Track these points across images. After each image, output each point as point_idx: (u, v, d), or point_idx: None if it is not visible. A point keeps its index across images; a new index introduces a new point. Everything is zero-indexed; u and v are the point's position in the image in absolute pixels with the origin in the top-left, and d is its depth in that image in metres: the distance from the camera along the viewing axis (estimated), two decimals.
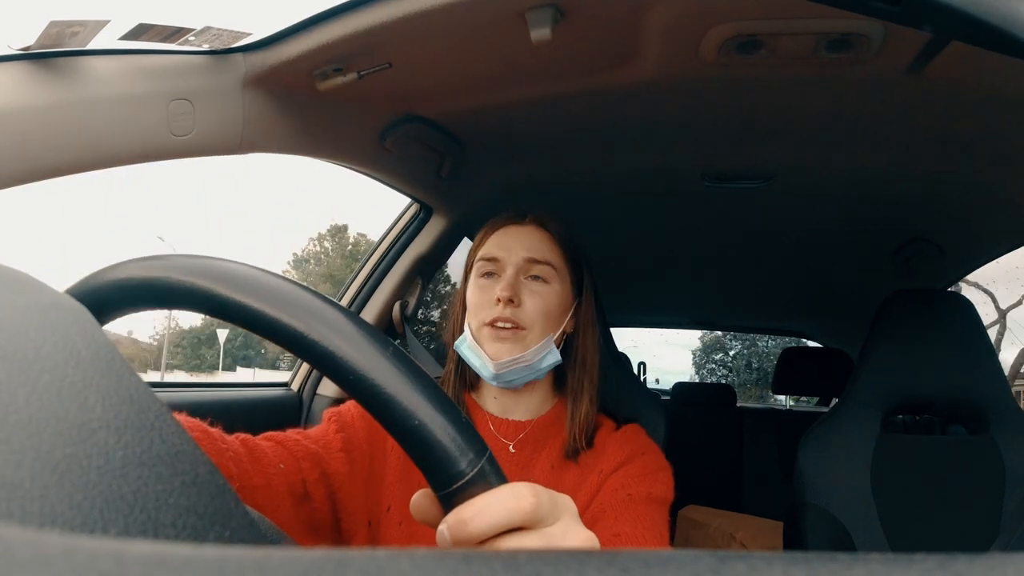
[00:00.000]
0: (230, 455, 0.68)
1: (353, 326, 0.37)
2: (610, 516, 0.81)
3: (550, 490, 0.36)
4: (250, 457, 0.71)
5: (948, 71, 0.91)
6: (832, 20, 0.84)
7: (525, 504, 0.34)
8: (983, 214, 1.44)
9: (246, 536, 0.26)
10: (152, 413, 0.25)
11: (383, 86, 1.01)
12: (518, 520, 0.34)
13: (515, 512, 0.34)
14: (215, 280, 0.38)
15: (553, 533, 0.35)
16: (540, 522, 0.35)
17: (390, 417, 0.36)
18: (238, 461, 0.69)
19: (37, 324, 0.25)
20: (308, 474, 0.77)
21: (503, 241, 0.94)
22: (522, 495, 0.34)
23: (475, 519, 0.33)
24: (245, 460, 0.70)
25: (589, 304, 0.98)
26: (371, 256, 1.53)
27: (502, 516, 0.33)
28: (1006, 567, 0.14)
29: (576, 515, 0.38)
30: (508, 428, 0.94)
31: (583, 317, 0.97)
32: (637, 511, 0.82)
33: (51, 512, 0.18)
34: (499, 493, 0.34)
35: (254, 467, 0.70)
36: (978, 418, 1.33)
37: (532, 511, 0.34)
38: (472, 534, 0.33)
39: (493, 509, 0.33)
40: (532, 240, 0.93)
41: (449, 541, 0.34)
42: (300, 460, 0.77)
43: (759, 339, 21.58)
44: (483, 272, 0.94)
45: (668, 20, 0.85)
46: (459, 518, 0.33)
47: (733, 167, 1.38)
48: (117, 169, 0.79)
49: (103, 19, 0.70)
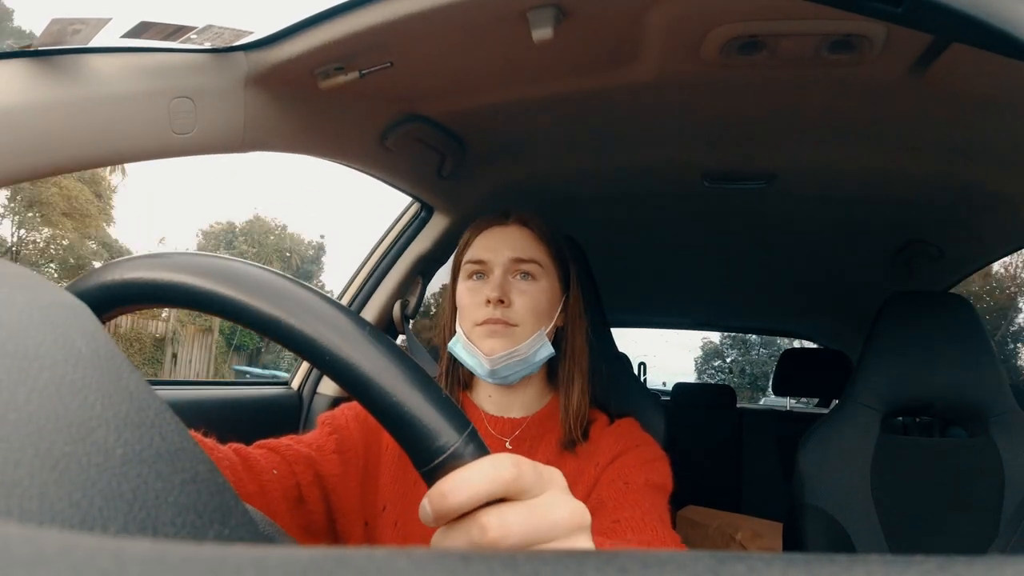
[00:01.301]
0: (225, 463, 0.69)
1: (330, 307, 0.38)
2: (609, 505, 0.81)
3: (535, 462, 0.36)
4: (244, 465, 0.72)
5: (950, 73, 0.91)
6: (834, 21, 0.83)
7: (506, 474, 0.33)
8: (984, 216, 1.44)
9: (245, 534, 0.26)
10: (152, 411, 0.25)
11: (385, 85, 1.01)
12: (499, 490, 0.33)
13: (496, 482, 0.33)
14: (212, 277, 0.38)
15: (538, 504, 0.34)
16: (524, 492, 0.34)
17: (369, 396, 0.36)
18: (232, 469, 0.70)
19: (37, 321, 0.25)
20: (302, 477, 0.77)
21: (488, 243, 0.95)
22: (503, 465, 0.34)
23: (455, 491, 0.33)
24: (239, 468, 0.71)
25: (577, 298, 0.99)
26: (372, 255, 1.53)
27: (483, 487, 0.33)
28: (1005, 569, 0.14)
29: (565, 487, 0.37)
30: (504, 426, 0.94)
31: (571, 311, 0.98)
32: (635, 497, 0.82)
33: (50, 510, 0.18)
34: (479, 464, 0.34)
35: (248, 475, 0.71)
36: (978, 420, 1.33)
37: (513, 480, 0.33)
38: (452, 506, 0.33)
39: (473, 480, 0.33)
40: (517, 239, 0.94)
41: (431, 515, 0.33)
42: (293, 464, 0.77)
43: (752, 348, 23.64)
44: (471, 274, 0.95)
45: (670, 21, 0.85)
46: (439, 491, 0.33)
47: (734, 168, 1.38)
48: None
49: (105, 17, 0.70)
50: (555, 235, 0.98)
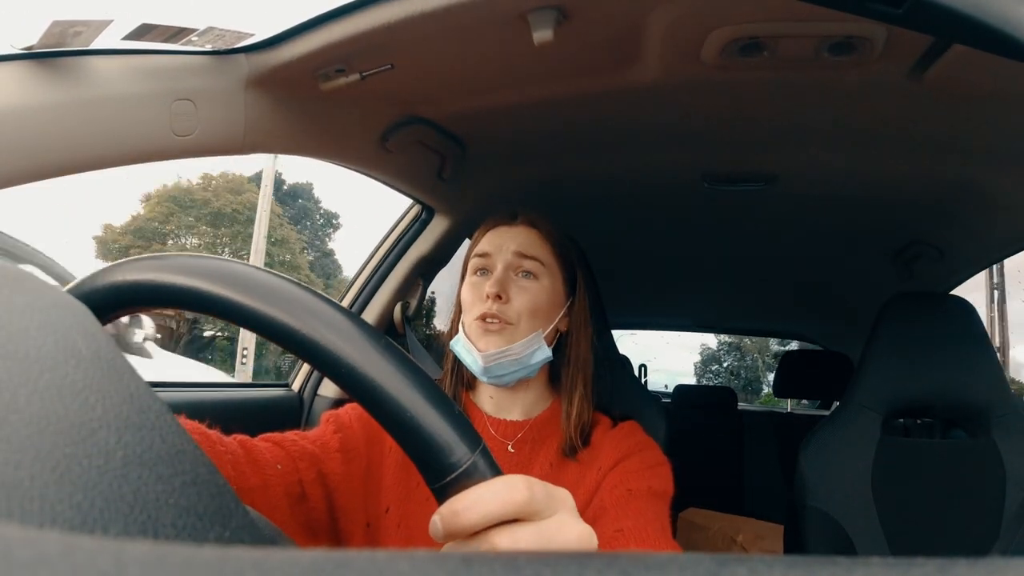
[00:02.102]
0: (228, 457, 0.68)
1: (346, 320, 0.37)
2: (611, 513, 0.81)
3: (546, 483, 0.36)
4: (248, 458, 0.71)
5: (950, 74, 0.91)
6: (834, 23, 0.83)
7: (519, 496, 0.34)
8: (984, 217, 1.44)
9: (246, 536, 0.26)
10: (152, 413, 0.25)
11: (385, 87, 1.01)
12: (512, 512, 0.34)
13: (509, 504, 0.33)
14: (216, 281, 0.38)
15: (548, 526, 0.35)
16: (535, 515, 0.34)
17: (383, 410, 0.36)
18: (236, 463, 0.69)
19: (38, 323, 0.25)
20: (305, 474, 0.77)
21: (494, 239, 0.96)
22: (516, 487, 0.34)
23: (468, 510, 0.33)
24: (243, 462, 0.70)
25: (583, 303, 0.99)
26: (372, 257, 1.53)
27: (495, 508, 0.33)
28: (1007, 571, 0.14)
29: (574, 509, 0.38)
30: (506, 428, 0.94)
31: (576, 315, 0.98)
32: (638, 506, 0.82)
33: (51, 512, 0.18)
34: (493, 485, 0.34)
35: (251, 468, 0.71)
36: (979, 421, 1.32)
37: (526, 503, 0.34)
38: (464, 526, 0.33)
39: (486, 500, 0.33)
40: (522, 237, 0.95)
41: (442, 532, 0.33)
42: (297, 460, 0.77)
43: (747, 353, 26.10)
44: (476, 269, 0.96)
45: (670, 22, 0.85)
46: (452, 509, 0.33)
47: (735, 169, 1.38)
48: None
49: (106, 19, 0.70)
50: (562, 238, 0.99)
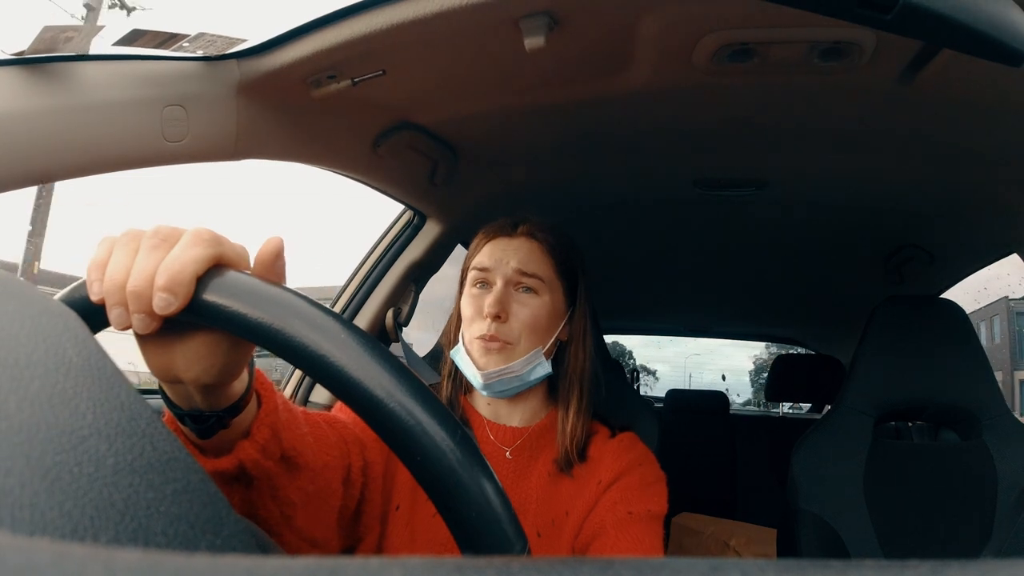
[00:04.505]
0: (324, 435, 0.71)
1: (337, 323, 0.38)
2: (611, 533, 0.81)
3: None
4: (332, 430, 0.74)
5: (940, 79, 0.91)
6: (824, 28, 0.84)
7: None
8: (974, 221, 1.45)
9: (237, 545, 0.26)
10: (143, 420, 0.24)
11: (377, 93, 1.01)
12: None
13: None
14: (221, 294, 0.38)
15: None
16: None
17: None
18: (326, 440, 0.72)
19: (28, 331, 0.24)
20: (354, 460, 0.76)
21: (495, 252, 0.95)
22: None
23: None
24: (331, 438, 0.73)
25: (583, 313, 0.99)
26: (364, 263, 1.53)
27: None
28: (999, 572, 0.14)
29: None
30: (505, 434, 0.94)
31: (576, 326, 0.97)
32: (638, 531, 0.83)
33: (41, 519, 0.18)
34: None
35: (330, 447, 0.73)
36: (970, 424, 1.33)
37: None
38: None
39: None
40: (523, 252, 0.94)
41: None
42: (350, 444, 0.76)
43: (731, 357, 28.56)
44: (476, 281, 0.95)
45: (661, 28, 0.85)
46: None
47: (725, 175, 1.39)
48: None
49: (97, 25, 0.70)
50: (563, 248, 0.98)
